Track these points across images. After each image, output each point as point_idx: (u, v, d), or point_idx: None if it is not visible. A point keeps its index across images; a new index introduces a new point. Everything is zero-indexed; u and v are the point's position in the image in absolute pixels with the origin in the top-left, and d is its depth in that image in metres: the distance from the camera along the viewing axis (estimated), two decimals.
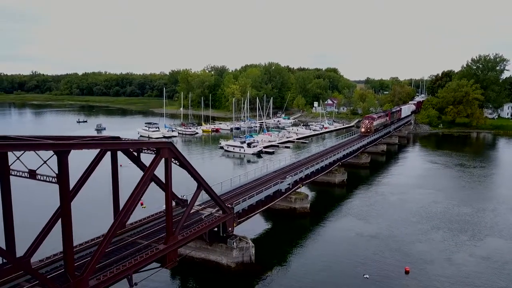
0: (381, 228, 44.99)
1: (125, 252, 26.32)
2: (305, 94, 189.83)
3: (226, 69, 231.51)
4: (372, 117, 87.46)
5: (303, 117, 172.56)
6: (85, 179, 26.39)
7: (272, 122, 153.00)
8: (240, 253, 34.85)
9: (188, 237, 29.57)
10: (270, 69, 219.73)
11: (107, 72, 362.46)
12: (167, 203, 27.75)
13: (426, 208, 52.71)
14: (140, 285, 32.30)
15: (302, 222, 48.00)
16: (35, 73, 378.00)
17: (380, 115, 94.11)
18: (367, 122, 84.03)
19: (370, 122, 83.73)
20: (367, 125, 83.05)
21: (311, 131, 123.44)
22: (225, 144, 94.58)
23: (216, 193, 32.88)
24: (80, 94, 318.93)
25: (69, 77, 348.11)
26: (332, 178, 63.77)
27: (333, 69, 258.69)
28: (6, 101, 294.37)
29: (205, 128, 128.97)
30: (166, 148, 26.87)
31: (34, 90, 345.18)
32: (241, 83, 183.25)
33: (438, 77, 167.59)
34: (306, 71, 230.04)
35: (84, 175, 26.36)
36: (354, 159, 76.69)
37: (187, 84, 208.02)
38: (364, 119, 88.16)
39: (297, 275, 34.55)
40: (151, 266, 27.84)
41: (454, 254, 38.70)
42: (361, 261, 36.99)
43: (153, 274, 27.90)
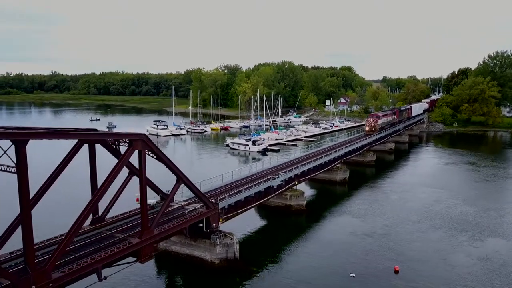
0: (377, 227, 43.66)
1: (98, 246, 25.99)
2: (317, 93, 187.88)
3: (239, 68, 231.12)
4: (377, 116, 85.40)
5: (315, 115, 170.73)
6: (60, 171, 26.23)
7: (282, 120, 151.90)
8: (224, 249, 34.20)
9: (166, 231, 29.08)
10: (283, 68, 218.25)
11: (124, 72, 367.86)
12: (141, 197, 27.30)
13: (427, 207, 50.99)
14: (121, 279, 32.22)
15: (297, 219, 47.06)
16: (54, 73, 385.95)
17: (387, 113, 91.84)
18: (371, 121, 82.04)
19: (374, 120, 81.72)
20: (372, 124, 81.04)
21: (320, 130, 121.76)
22: (230, 142, 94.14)
23: (198, 188, 32.26)
24: (97, 93, 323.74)
25: (87, 77, 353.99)
26: (333, 176, 62.50)
27: (348, 67, 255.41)
28: (26, 101, 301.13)
29: (214, 126, 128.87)
30: (139, 140, 26.42)
31: (53, 89, 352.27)
32: (253, 82, 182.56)
33: (454, 75, 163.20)
34: (320, 70, 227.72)
35: (58, 167, 26.21)
36: (359, 157, 75.15)
37: (200, 83, 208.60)
38: (368, 118, 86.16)
39: (282, 273, 33.71)
40: (128, 260, 27.68)
41: (450, 254, 37.15)
42: (350, 259, 35.88)
43: (127, 267, 27.48)
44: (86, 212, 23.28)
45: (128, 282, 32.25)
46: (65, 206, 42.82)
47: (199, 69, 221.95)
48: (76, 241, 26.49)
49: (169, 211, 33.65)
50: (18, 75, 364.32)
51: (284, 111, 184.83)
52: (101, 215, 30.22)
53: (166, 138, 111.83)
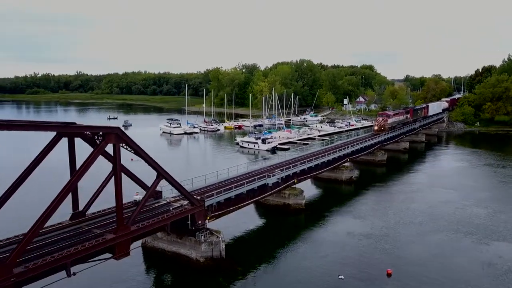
0: (377, 228, 41.81)
1: (70, 241, 25.51)
2: (335, 91, 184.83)
3: (257, 67, 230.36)
4: (387, 114, 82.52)
5: (332, 114, 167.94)
6: (36, 165, 25.89)
7: (298, 119, 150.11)
8: (209, 247, 33.29)
9: (144, 228, 28.39)
10: (302, 66, 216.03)
11: (146, 71, 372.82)
12: (116, 192, 26.69)
13: (434, 208, 48.64)
14: (105, 276, 31.80)
15: (294, 219, 45.72)
16: (79, 73, 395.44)
17: (398, 112, 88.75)
18: (380, 120, 79.26)
19: (384, 120, 78.95)
20: (381, 123, 78.25)
21: (335, 129, 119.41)
22: (240, 140, 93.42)
23: (181, 184, 31.44)
24: (119, 93, 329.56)
25: (110, 77, 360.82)
26: (339, 175, 60.70)
27: (368, 66, 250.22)
28: (52, 100, 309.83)
29: (227, 125, 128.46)
30: (113, 134, 25.85)
31: (78, 89, 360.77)
32: (270, 81, 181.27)
33: (477, 73, 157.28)
34: (339, 68, 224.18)
35: (35, 161, 25.89)
36: (369, 156, 72.95)
37: (218, 82, 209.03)
38: (378, 117, 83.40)
39: (268, 273, 32.57)
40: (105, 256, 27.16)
41: (449, 258, 35.04)
42: (342, 261, 34.34)
43: (100, 263, 26.85)
44: (52, 207, 22.77)
45: (111, 278, 31.79)
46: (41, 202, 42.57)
47: (217, 68, 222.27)
48: (49, 236, 26.26)
49: (155, 207, 33.16)
50: (45, 75, 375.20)
51: (301, 110, 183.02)
52: (82, 210, 29.89)
53: (179, 137, 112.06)
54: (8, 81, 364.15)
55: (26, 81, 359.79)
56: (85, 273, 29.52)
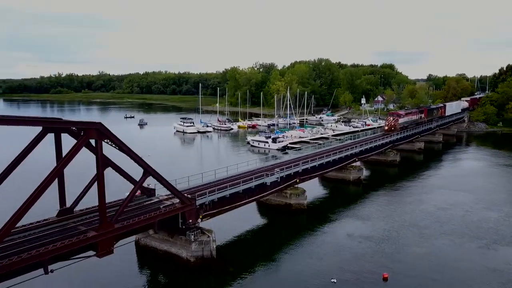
0: (379, 230, 40.24)
1: (53, 238, 25.21)
2: (353, 91, 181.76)
3: (274, 66, 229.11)
4: (398, 114, 79.94)
5: (350, 114, 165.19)
6: (20, 160, 25.68)
7: (314, 118, 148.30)
8: (200, 247, 32.58)
9: (129, 226, 27.89)
10: (320, 65, 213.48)
11: (167, 71, 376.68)
12: (99, 188, 26.30)
13: (443, 210, 46.62)
14: (95, 273, 31.55)
15: (295, 219, 44.54)
16: (101, 73, 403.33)
17: (411, 111, 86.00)
18: (391, 120, 76.80)
19: (395, 119, 76.44)
20: (391, 123, 75.77)
21: (350, 128, 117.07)
22: (251, 139, 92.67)
23: (169, 182, 30.82)
24: (140, 92, 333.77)
25: (131, 77, 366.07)
26: (347, 175, 59.07)
27: (389, 65, 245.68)
28: (74, 99, 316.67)
29: (241, 124, 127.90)
30: (93, 129, 25.39)
31: (100, 89, 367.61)
32: (287, 80, 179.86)
33: (502, 71, 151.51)
34: (358, 67, 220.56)
35: (19, 156, 25.69)
36: (381, 156, 70.96)
37: (235, 81, 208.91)
38: (388, 116, 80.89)
39: (259, 275, 31.64)
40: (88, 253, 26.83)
41: (452, 263, 33.27)
42: (338, 264, 33.07)
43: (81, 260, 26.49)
44: (28, 203, 22.49)
45: (99, 276, 31.53)
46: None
47: (234, 67, 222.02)
48: (33, 233, 26.06)
49: (146, 205, 32.63)
50: (68, 75, 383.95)
51: (318, 109, 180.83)
52: (70, 206, 29.65)
53: (192, 135, 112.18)
54: (34, 81, 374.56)
55: (50, 81, 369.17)
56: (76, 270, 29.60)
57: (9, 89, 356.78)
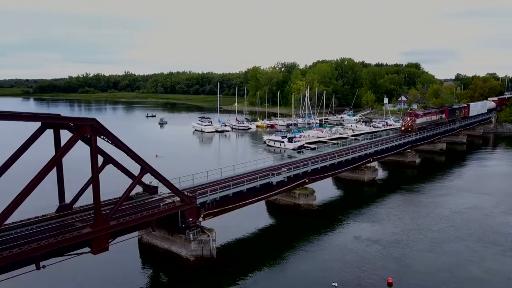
0: (388, 233, 38.66)
1: (49, 234, 25.18)
2: (376, 90, 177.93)
3: (296, 66, 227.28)
4: (415, 114, 77.09)
5: (372, 114, 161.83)
6: (18, 155, 25.78)
7: (334, 118, 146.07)
8: (199, 246, 32.06)
9: (125, 223, 27.62)
10: (342, 65, 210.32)
11: (191, 71, 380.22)
12: (94, 185, 26.14)
13: (460, 214, 44.49)
14: (93, 270, 31.55)
15: (303, 220, 43.34)
16: (127, 73, 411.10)
17: (430, 111, 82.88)
18: (408, 120, 74.10)
19: (412, 119, 73.72)
20: (408, 123, 73.11)
21: (370, 128, 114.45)
22: (267, 138, 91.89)
23: (167, 179, 30.39)
24: (164, 92, 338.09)
25: (155, 77, 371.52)
26: (361, 175, 57.40)
27: (414, 64, 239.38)
28: (100, 99, 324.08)
29: (259, 123, 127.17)
30: (87, 125, 25.22)
31: (125, 88, 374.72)
32: (308, 79, 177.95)
33: None
34: (382, 67, 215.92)
35: (17, 151, 25.81)
36: (399, 157, 68.80)
37: (256, 81, 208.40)
38: (405, 116, 78.12)
39: (258, 276, 30.83)
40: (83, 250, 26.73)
41: (463, 269, 31.55)
42: (342, 267, 31.85)
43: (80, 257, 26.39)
44: (19, 198, 22.46)
45: (97, 273, 31.48)
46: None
47: (255, 67, 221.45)
48: (30, 228, 26.14)
49: (146, 202, 32.41)
50: (95, 75, 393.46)
51: (340, 109, 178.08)
52: (69, 203, 29.69)
53: (210, 135, 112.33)
54: (62, 81, 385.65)
55: (78, 81, 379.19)
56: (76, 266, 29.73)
57: (39, 88, 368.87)
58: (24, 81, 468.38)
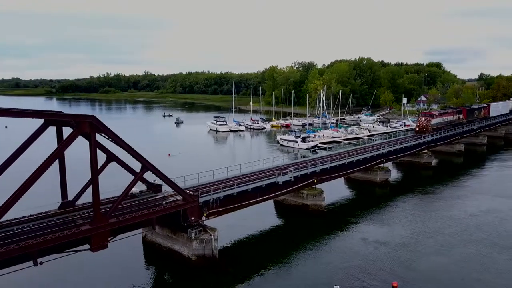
0: (397, 236, 37.56)
1: (49, 230, 25.29)
2: (394, 90, 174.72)
3: (314, 65, 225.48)
4: (430, 114, 74.92)
5: (390, 114, 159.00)
6: (21, 152, 25.99)
7: (351, 118, 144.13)
8: (201, 245, 31.75)
9: (125, 221, 27.55)
10: (361, 64, 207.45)
11: (209, 71, 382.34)
12: (93, 182, 26.15)
13: (474, 217, 42.94)
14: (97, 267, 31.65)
15: (310, 220, 42.59)
16: (147, 73, 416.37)
17: (446, 112, 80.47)
18: (423, 120, 72.05)
19: (427, 120, 71.64)
20: (423, 124, 71.05)
21: (387, 128, 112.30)
22: (280, 138, 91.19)
23: (169, 177, 30.22)
24: (182, 92, 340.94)
25: (174, 77, 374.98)
26: (373, 176, 56.17)
27: (435, 63, 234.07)
28: (120, 98, 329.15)
29: (274, 123, 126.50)
30: (86, 122, 25.22)
31: (145, 88, 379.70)
32: (325, 79, 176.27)
33: None
34: (401, 66, 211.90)
35: (19, 148, 26.04)
36: (414, 158, 67.14)
37: (273, 81, 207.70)
38: (420, 116, 76.03)
39: (259, 277, 30.33)
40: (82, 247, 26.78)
41: (474, 275, 30.29)
42: (347, 270, 31.04)
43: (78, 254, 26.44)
44: (16, 195, 22.61)
45: (102, 270, 31.59)
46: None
47: (272, 67, 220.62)
48: (32, 225, 26.32)
49: (149, 200, 32.34)
50: (116, 75, 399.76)
51: (358, 109, 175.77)
52: (72, 200, 29.85)
53: (224, 134, 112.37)
54: (84, 81, 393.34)
55: (99, 81, 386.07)
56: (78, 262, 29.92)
57: (61, 88, 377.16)
58: (48, 81, 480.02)
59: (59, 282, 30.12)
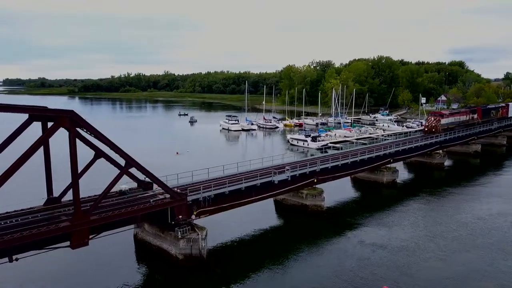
0: (397, 239, 35.95)
1: (27, 226, 25.04)
2: (413, 89, 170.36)
3: (331, 64, 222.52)
4: (440, 114, 71.95)
5: (408, 114, 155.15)
6: (3, 147, 25.81)
7: (368, 118, 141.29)
8: (188, 244, 31.03)
9: (106, 218, 27.07)
10: (379, 63, 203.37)
11: (229, 71, 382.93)
12: (73, 178, 25.77)
13: (483, 221, 40.81)
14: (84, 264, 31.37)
15: (308, 221, 41.31)
16: (166, 73, 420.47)
17: (458, 111, 77.39)
18: (432, 120, 69.21)
19: (436, 120, 68.81)
20: (432, 123, 68.34)
21: (403, 128, 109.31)
22: (290, 137, 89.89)
23: (154, 175, 29.63)
24: (201, 91, 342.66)
25: (193, 76, 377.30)
26: (379, 176, 54.42)
27: (458, 62, 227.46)
28: (140, 97, 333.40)
29: (287, 122, 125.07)
30: (66, 117, 24.84)
31: (164, 88, 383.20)
32: (342, 78, 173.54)
33: None
34: (421, 65, 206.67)
35: (3, 143, 25.87)
36: (425, 158, 64.83)
37: (289, 80, 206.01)
38: (429, 116, 73.11)
39: (245, 279, 29.38)
40: None
41: (473, 282, 28.47)
42: (338, 274, 29.76)
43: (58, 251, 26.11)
44: None
45: (89, 267, 31.28)
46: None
47: (289, 66, 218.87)
48: (13, 220, 26.17)
49: (138, 198, 31.86)
50: (137, 75, 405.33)
51: (375, 108, 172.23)
52: (58, 196, 29.64)
53: (236, 133, 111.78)
54: (105, 81, 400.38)
55: (120, 81, 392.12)
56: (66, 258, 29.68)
57: (84, 88, 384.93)
58: (72, 80, 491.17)
59: (43, 279, 29.85)
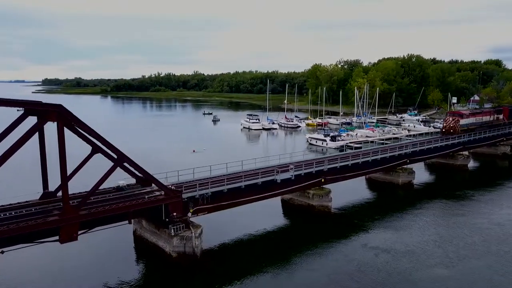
0: (403, 244, 34.14)
1: (17, 220, 25.29)
2: (444, 89, 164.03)
3: (360, 63, 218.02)
4: (459, 114, 68.09)
5: (438, 114, 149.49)
6: None
7: (394, 118, 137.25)
8: (182, 242, 30.56)
9: (95, 214, 27.01)
10: (409, 62, 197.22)
11: (257, 71, 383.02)
12: (62, 173, 25.81)
13: (499, 227, 38.27)
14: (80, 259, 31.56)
15: (313, 222, 40.02)
16: (196, 73, 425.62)
17: (481, 111, 73.11)
18: (450, 120, 65.57)
19: (455, 120, 65.15)
20: (450, 124, 64.75)
21: (429, 128, 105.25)
22: (309, 136, 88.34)
23: (147, 171, 29.37)
24: (229, 91, 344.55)
25: (222, 76, 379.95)
26: (395, 177, 52.26)
27: (494, 60, 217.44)
28: (169, 97, 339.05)
29: (310, 122, 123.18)
30: (54, 112, 24.88)
31: (194, 88, 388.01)
32: (370, 77, 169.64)
33: None
34: (454, 64, 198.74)
35: None
36: (448, 159, 61.90)
37: (315, 79, 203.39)
38: (447, 116, 69.40)
39: (238, 280, 28.57)
40: None
41: None
42: (334, 278, 28.57)
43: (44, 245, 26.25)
44: None
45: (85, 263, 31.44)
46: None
47: (316, 65, 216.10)
48: (8, 213, 26.53)
49: (134, 194, 31.66)
50: (167, 74, 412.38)
51: (404, 108, 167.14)
52: (54, 190, 29.87)
53: (257, 132, 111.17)
54: (136, 80, 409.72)
55: (151, 80, 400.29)
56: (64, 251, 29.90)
57: (115, 87, 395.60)
58: (106, 80, 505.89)
59: (37, 272, 30.20)
